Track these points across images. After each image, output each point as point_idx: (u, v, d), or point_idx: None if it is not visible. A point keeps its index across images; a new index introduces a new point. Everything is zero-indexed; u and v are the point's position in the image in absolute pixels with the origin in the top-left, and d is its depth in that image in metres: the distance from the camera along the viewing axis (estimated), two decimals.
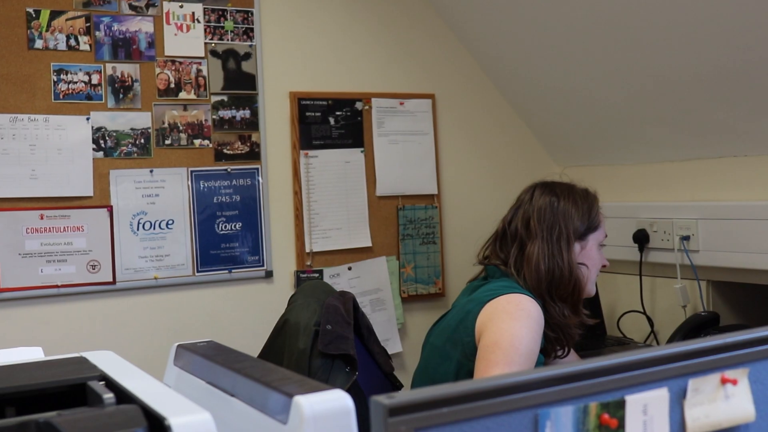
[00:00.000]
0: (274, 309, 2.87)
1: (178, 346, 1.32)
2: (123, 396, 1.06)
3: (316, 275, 2.94)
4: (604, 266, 2.17)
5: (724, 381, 0.98)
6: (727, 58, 2.42)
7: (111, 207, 2.67)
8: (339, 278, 2.96)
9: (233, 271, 2.84)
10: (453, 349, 1.98)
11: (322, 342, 2.06)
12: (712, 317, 2.62)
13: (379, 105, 3.07)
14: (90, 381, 1.15)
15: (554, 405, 0.87)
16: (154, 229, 2.73)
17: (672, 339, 2.58)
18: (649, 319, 2.93)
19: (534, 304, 1.94)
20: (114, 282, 2.67)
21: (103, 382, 1.15)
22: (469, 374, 1.92)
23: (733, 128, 2.62)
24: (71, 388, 1.19)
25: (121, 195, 2.69)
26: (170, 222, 2.76)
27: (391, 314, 3.05)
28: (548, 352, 2.06)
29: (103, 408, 1.04)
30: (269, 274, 2.89)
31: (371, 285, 3.02)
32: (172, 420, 0.90)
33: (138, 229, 2.71)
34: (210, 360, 1.21)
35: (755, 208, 2.56)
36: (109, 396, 1.05)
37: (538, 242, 2.04)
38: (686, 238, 2.75)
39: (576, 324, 2.08)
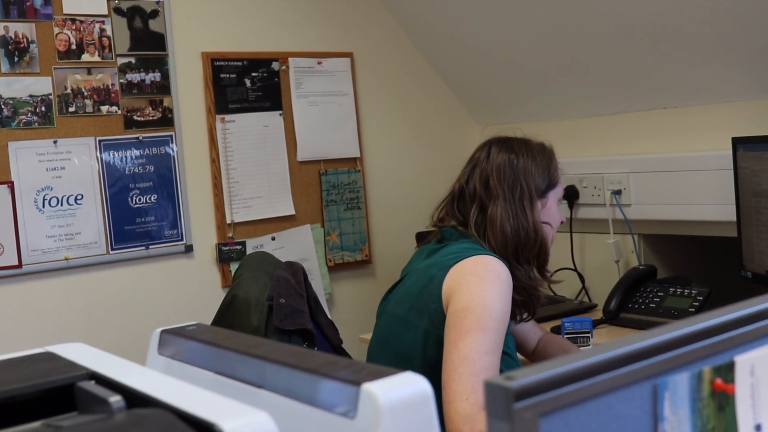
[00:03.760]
0: (196, 284, 2.70)
1: (163, 331, 1.13)
2: (133, 398, 0.88)
3: (239, 247, 2.76)
4: (561, 223, 2.10)
5: None
6: (657, 8, 2.38)
7: (12, 183, 2.41)
8: (263, 249, 2.79)
9: (150, 247, 2.63)
10: (418, 318, 1.86)
11: (277, 317, 1.91)
12: (650, 270, 2.61)
13: (296, 65, 2.89)
14: (79, 381, 0.96)
15: (670, 373, 0.77)
16: (62, 205, 2.48)
17: (614, 293, 2.55)
18: (581, 276, 2.90)
19: (502, 266, 1.84)
20: (20, 265, 2.41)
21: (93, 381, 0.97)
22: (438, 342, 1.81)
23: (663, 80, 2.61)
24: (44, 392, 1.00)
25: (23, 169, 2.43)
26: (79, 197, 2.51)
27: (318, 284, 2.91)
28: (514, 315, 1.97)
29: (112, 414, 0.86)
30: (189, 249, 2.69)
31: (296, 255, 2.86)
32: (225, 425, 0.73)
33: (44, 207, 2.45)
34: (215, 345, 1.04)
35: (686, 160, 2.56)
36: (116, 399, 0.87)
37: (500, 202, 1.93)
38: (618, 192, 2.73)
39: (542, 286, 2.01)
